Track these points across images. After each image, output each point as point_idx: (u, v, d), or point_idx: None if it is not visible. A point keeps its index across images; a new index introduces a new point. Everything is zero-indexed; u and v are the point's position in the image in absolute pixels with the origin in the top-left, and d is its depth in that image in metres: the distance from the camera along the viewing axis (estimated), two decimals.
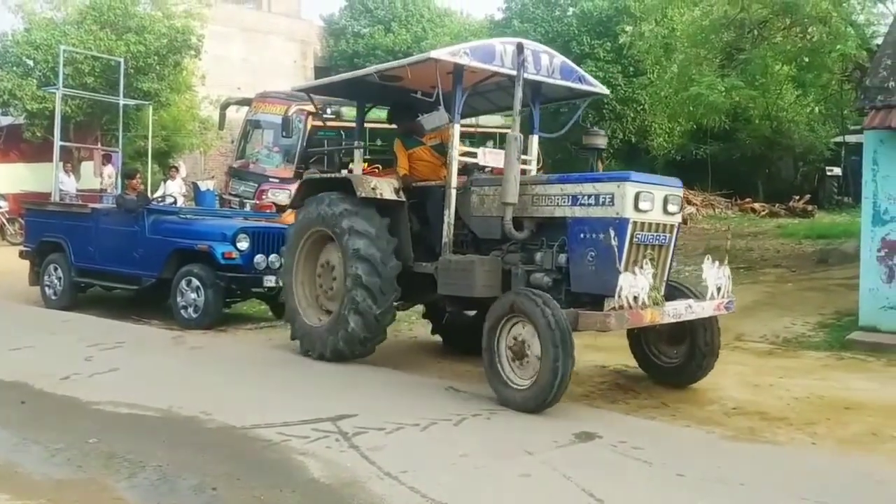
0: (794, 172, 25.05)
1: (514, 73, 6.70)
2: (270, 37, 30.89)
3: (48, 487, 4.35)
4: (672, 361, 6.73)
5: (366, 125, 17.91)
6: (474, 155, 7.27)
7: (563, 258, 6.26)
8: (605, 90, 7.96)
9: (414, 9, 32.09)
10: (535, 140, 7.54)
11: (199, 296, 9.42)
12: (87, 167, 21.21)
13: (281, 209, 16.45)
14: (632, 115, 21.77)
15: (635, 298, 5.73)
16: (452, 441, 5.20)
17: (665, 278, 6.28)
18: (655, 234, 6.05)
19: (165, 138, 21.62)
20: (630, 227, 5.85)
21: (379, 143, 18.36)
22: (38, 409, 5.84)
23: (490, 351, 6.01)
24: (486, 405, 5.98)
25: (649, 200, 5.92)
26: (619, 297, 5.64)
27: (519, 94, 6.53)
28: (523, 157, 7.12)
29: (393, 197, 7.27)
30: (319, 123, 17.36)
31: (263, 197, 17.10)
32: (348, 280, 7.07)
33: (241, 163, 18.35)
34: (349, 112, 18.00)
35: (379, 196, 7.17)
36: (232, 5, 30.31)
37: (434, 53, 6.69)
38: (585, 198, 6.11)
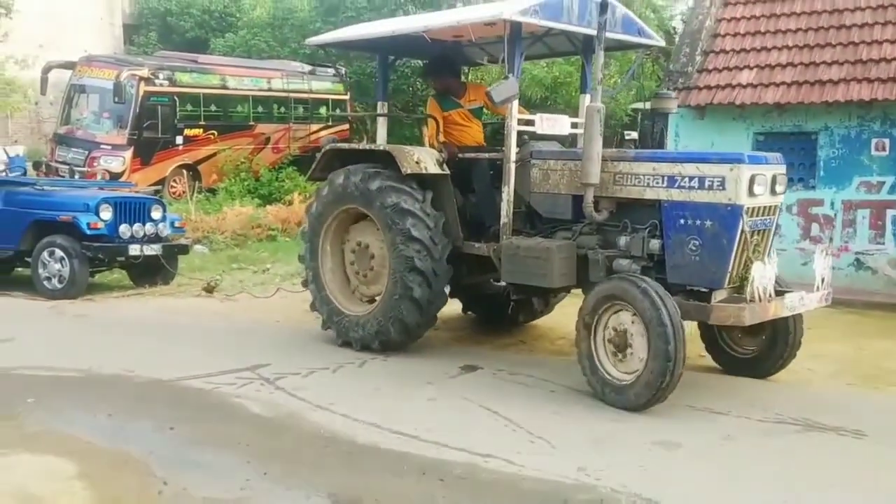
0: None
1: (586, 31, 6.32)
2: None
3: (17, 440, 4.69)
4: (748, 353, 6.27)
5: (199, 90, 18.09)
6: (531, 123, 6.55)
7: (655, 245, 5.67)
8: (661, 41, 7.40)
9: None
10: (587, 101, 6.31)
11: (63, 266, 9.53)
12: None
13: (115, 177, 16.23)
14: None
15: (764, 290, 5.42)
16: (363, 378, 6.11)
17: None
18: (763, 218, 5.57)
19: None
20: (744, 214, 5.35)
21: (213, 108, 18.44)
22: None
23: (588, 345, 5.56)
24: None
25: (763, 184, 5.39)
26: (752, 288, 5.34)
27: (601, 59, 5.82)
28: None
29: (437, 170, 6.59)
30: (152, 89, 17.21)
31: (95, 164, 16.76)
32: (398, 263, 6.45)
33: (67, 129, 17.79)
34: (181, 77, 17.98)
35: (424, 171, 6.50)
36: None
37: (506, 13, 5.95)
38: (686, 180, 5.49)
